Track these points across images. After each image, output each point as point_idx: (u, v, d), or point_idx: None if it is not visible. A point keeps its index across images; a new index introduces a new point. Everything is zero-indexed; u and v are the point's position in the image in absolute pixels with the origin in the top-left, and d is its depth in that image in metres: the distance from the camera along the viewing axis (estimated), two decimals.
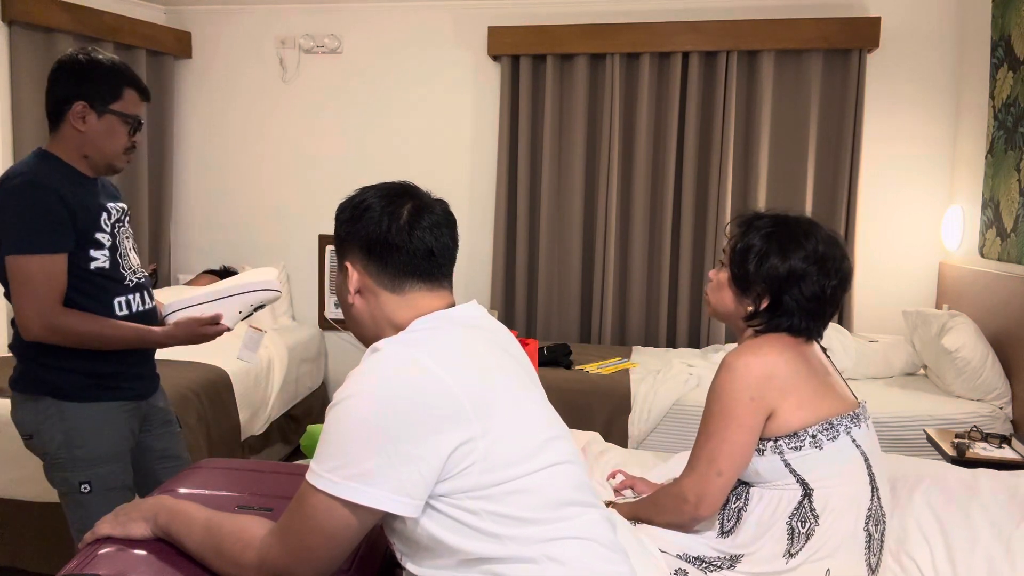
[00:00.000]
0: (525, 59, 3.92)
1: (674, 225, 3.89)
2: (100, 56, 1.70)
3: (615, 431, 2.93)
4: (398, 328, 1.09)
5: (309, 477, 0.99)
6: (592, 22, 3.87)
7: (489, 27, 3.92)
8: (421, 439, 0.96)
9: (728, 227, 1.59)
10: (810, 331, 1.49)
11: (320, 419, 4.13)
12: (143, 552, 1.07)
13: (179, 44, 4.23)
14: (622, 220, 3.94)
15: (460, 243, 1.34)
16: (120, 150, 1.73)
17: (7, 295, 1.65)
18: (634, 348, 3.74)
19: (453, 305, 1.15)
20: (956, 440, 2.46)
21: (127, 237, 1.81)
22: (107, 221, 1.73)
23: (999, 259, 3.09)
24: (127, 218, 1.83)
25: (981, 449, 2.40)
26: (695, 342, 3.91)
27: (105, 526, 1.13)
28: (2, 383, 2.68)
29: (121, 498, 1.75)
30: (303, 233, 4.35)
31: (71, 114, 1.66)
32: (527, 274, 4.04)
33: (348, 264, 1.14)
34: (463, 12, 4.09)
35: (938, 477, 1.93)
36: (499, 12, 4.03)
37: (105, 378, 1.74)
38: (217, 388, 2.99)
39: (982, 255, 3.27)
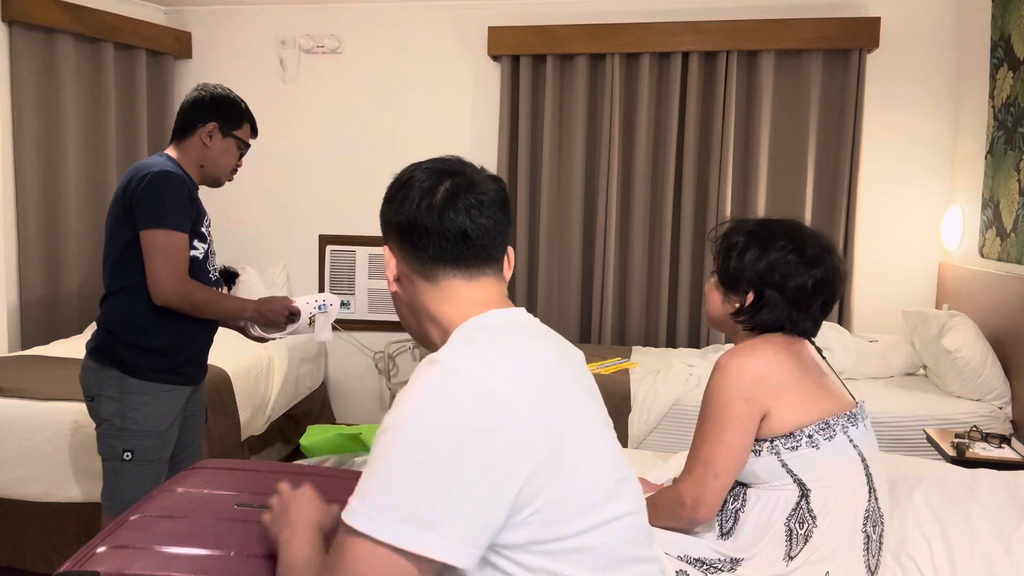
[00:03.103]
0: (525, 59, 3.92)
1: (674, 225, 3.89)
2: (232, 94, 2.09)
3: (615, 431, 2.93)
4: (438, 323, 1.01)
5: (351, 518, 0.82)
6: (592, 22, 3.87)
7: (489, 27, 3.92)
8: (491, 476, 0.83)
9: (711, 232, 1.60)
10: (797, 325, 1.48)
11: (320, 419, 4.13)
12: (142, 549, 1.07)
13: (179, 44, 4.24)
14: (622, 220, 3.94)
15: None
16: (229, 168, 2.10)
17: (109, 268, 1.95)
18: (634, 348, 3.74)
19: (500, 296, 1.04)
20: (956, 440, 2.45)
21: (212, 241, 2.12)
22: (205, 222, 2.05)
23: (999, 259, 3.09)
24: (210, 226, 2.13)
25: (981, 449, 2.40)
26: (695, 342, 3.91)
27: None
28: (5, 383, 2.69)
29: (155, 471, 1.98)
30: (303, 233, 4.35)
31: (202, 131, 2.01)
32: (527, 274, 4.04)
33: (386, 249, 1.06)
34: (463, 12, 4.09)
35: (938, 477, 1.93)
36: (499, 12, 4.03)
37: (171, 359, 1.98)
38: (217, 388, 2.99)
39: (982, 255, 3.27)
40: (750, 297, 1.48)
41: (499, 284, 1.04)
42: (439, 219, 0.99)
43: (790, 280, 1.45)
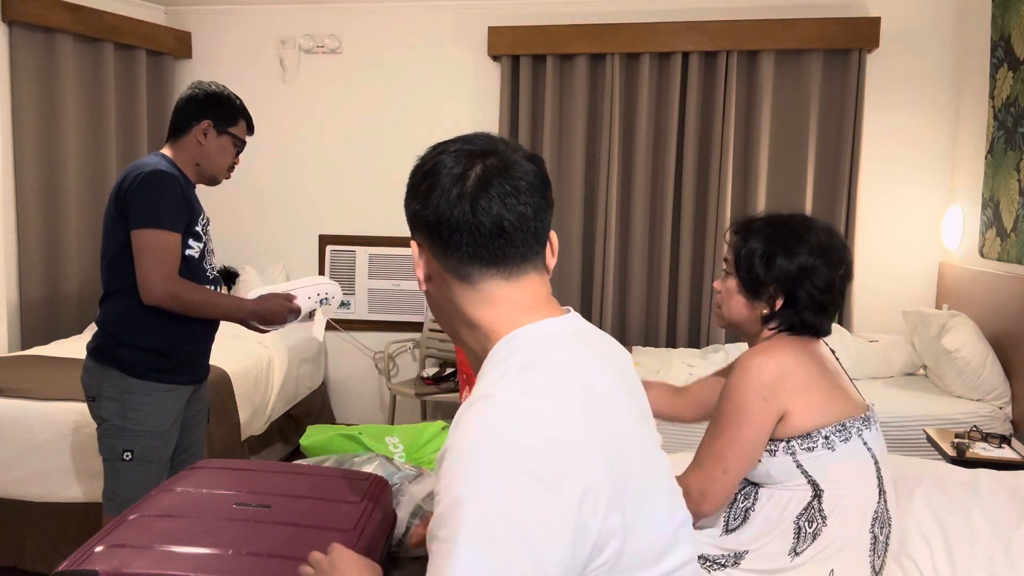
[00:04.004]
0: (525, 59, 3.92)
1: (674, 225, 3.89)
2: (226, 91, 2.07)
3: None
4: (478, 329, 0.90)
5: None
6: (592, 22, 3.87)
7: (489, 27, 3.92)
8: (574, 523, 0.76)
9: (727, 235, 1.58)
10: (822, 326, 1.49)
11: (320, 419, 4.13)
12: (141, 548, 1.07)
13: (179, 44, 4.24)
14: (622, 220, 3.94)
15: None
16: (225, 166, 2.08)
17: (105, 269, 1.95)
18: (634, 348, 3.74)
19: (546, 297, 0.93)
20: (956, 440, 2.45)
21: (209, 239, 2.11)
22: (201, 221, 2.04)
23: (999, 259, 3.09)
24: (209, 225, 2.12)
25: (981, 449, 2.40)
26: (695, 342, 3.91)
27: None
28: (5, 383, 2.69)
29: (155, 471, 1.97)
30: (303, 233, 4.35)
31: (197, 129, 2.00)
32: None
33: (414, 244, 0.94)
34: (463, 12, 4.09)
35: (938, 477, 1.92)
36: (499, 12, 4.03)
37: (170, 359, 1.97)
38: (217, 388, 2.99)
39: (982, 255, 3.26)
40: (779, 302, 1.48)
41: (542, 282, 0.93)
42: (471, 211, 0.86)
43: (820, 282, 1.46)
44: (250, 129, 2.13)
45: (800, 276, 1.46)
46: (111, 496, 1.97)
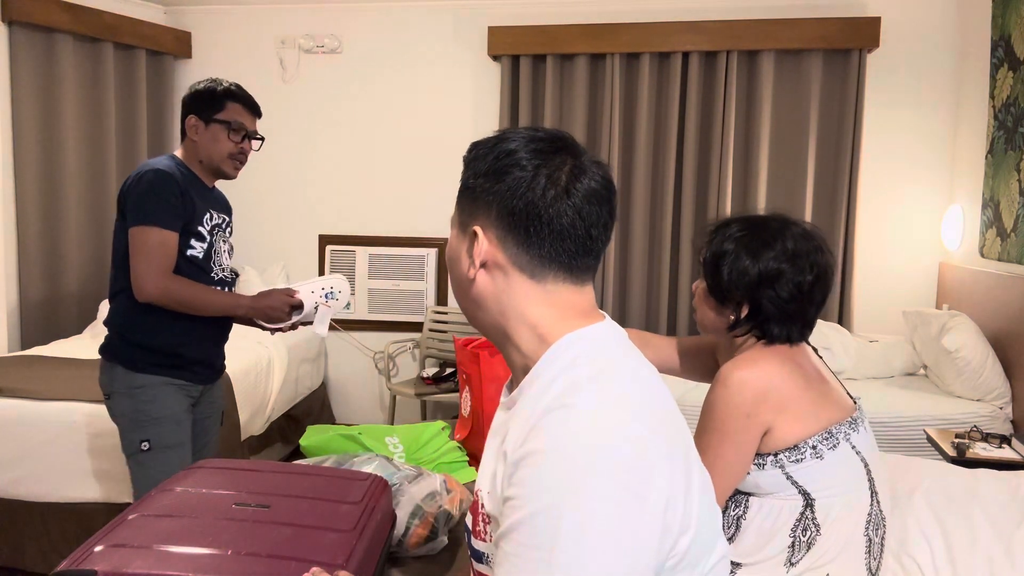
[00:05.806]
0: (525, 59, 3.92)
1: (674, 225, 3.89)
2: (210, 83, 2.06)
3: None
4: (534, 328, 0.87)
5: None
6: (592, 22, 3.87)
7: (489, 27, 3.92)
8: (657, 527, 0.77)
9: (696, 238, 1.54)
10: (791, 336, 1.43)
11: (320, 419, 4.13)
12: (140, 548, 1.07)
13: (179, 44, 4.24)
14: (622, 220, 3.93)
15: None
16: (224, 154, 2.04)
17: (113, 269, 1.98)
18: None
19: (593, 303, 0.92)
20: (956, 440, 2.45)
21: (223, 241, 2.11)
22: (208, 221, 2.03)
23: (999, 259, 3.09)
24: (228, 227, 2.14)
25: (981, 449, 2.40)
26: None
27: None
28: (5, 383, 2.69)
29: (178, 456, 1.96)
30: (303, 233, 4.35)
31: (187, 127, 2.03)
32: None
33: (477, 229, 0.87)
34: (463, 12, 4.09)
35: (938, 477, 1.93)
36: (499, 12, 4.03)
37: (174, 358, 1.98)
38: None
39: (982, 255, 3.26)
40: (745, 309, 1.42)
41: (593, 289, 0.92)
42: (564, 210, 0.84)
43: (784, 289, 1.39)
44: (252, 110, 2.11)
45: (761, 282, 1.39)
46: (140, 492, 1.95)
